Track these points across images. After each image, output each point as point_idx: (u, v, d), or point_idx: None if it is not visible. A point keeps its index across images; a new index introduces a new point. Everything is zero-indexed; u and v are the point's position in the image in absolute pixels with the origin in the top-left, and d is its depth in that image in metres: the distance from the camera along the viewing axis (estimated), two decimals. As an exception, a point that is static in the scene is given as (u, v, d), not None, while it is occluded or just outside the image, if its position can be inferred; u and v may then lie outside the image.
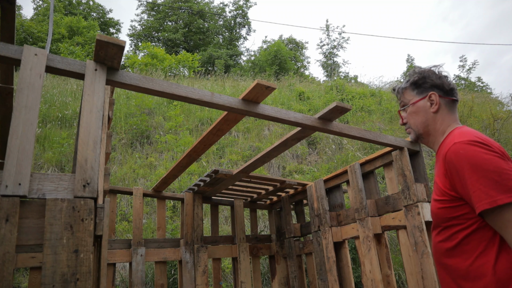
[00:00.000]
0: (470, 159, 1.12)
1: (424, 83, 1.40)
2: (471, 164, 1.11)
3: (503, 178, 1.06)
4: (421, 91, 1.41)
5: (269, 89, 2.18)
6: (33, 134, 1.45)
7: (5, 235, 1.30)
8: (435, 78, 1.39)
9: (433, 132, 1.39)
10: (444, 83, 1.39)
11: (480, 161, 1.10)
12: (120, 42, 1.67)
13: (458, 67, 30.22)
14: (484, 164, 1.09)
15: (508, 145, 8.78)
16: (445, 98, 1.38)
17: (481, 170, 1.09)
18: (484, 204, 1.06)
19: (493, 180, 1.06)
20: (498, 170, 1.07)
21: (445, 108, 1.38)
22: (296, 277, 4.16)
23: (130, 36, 26.74)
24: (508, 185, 1.05)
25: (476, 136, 1.17)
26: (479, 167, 1.09)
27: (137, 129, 9.45)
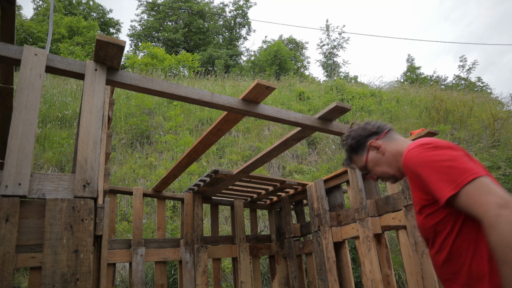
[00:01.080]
0: (420, 160, 1.19)
1: (358, 142, 1.52)
2: (423, 164, 1.18)
3: (456, 163, 1.12)
4: (362, 149, 1.52)
5: (269, 89, 2.19)
6: (33, 134, 1.45)
7: (5, 235, 1.30)
8: (362, 132, 1.52)
9: (399, 164, 1.47)
10: (370, 129, 1.51)
11: (429, 158, 1.17)
12: (120, 42, 1.67)
13: (458, 67, 30.25)
14: (434, 159, 1.16)
15: (508, 145, 8.78)
16: (381, 137, 1.49)
17: (434, 165, 1.15)
18: (451, 190, 1.09)
19: (449, 167, 1.12)
20: (450, 158, 1.13)
21: (388, 142, 1.47)
22: (296, 277, 4.16)
23: (130, 36, 26.74)
24: (464, 167, 1.10)
25: (421, 141, 1.26)
26: (431, 163, 1.16)
27: (137, 129, 9.45)
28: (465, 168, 1.10)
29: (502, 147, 8.65)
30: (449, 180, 1.10)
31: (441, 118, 10.75)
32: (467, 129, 10.16)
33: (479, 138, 9.55)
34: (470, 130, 10.04)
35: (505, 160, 7.79)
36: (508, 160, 7.80)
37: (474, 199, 1.06)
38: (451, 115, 10.84)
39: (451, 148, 1.18)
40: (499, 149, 8.58)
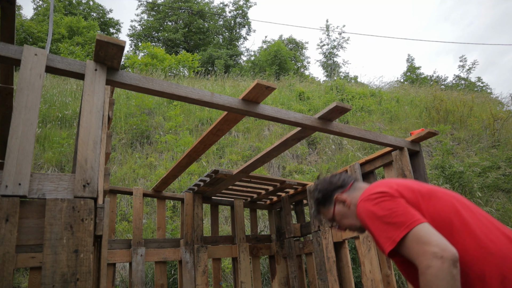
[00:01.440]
0: (365, 215, 1.31)
1: (324, 196, 1.59)
2: (368, 219, 1.30)
3: (393, 217, 1.23)
4: (329, 202, 1.58)
5: (269, 89, 2.19)
6: (33, 134, 1.45)
7: (5, 235, 1.30)
8: (328, 186, 1.58)
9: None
10: (335, 183, 1.57)
11: (372, 214, 1.29)
12: (120, 42, 1.67)
13: (458, 67, 30.24)
14: (375, 214, 1.28)
15: (508, 145, 8.78)
16: (346, 190, 1.55)
17: (375, 222, 1.27)
18: (388, 246, 1.21)
19: (386, 223, 1.23)
20: (386, 213, 1.25)
21: (353, 195, 1.52)
22: (296, 277, 4.16)
23: (130, 36, 26.73)
24: (397, 221, 1.21)
25: (366, 192, 1.37)
26: (373, 220, 1.28)
27: (137, 129, 9.45)
28: (400, 222, 1.21)
29: (502, 147, 8.65)
30: (387, 237, 1.22)
31: (441, 118, 10.75)
32: (467, 129, 10.16)
33: (479, 138, 9.55)
34: (470, 130, 10.04)
35: (505, 160, 7.79)
36: (508, 160, 7.79)
37: (410, 251, 1.17)
38: (451, 115, 10.84)
39: (390, 198, 1.28)
40: (499, 149, 8.58)
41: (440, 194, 1.34)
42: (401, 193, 1.30)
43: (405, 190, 1.32)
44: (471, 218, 1.27)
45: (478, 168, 7.60)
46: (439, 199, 1.32)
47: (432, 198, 1.31)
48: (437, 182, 7.10)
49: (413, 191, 1.32)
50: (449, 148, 8.18)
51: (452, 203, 1.31)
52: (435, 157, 8.32)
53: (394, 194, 1.29)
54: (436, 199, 1.31)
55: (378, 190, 1.33)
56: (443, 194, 1.35)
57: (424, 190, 1.35)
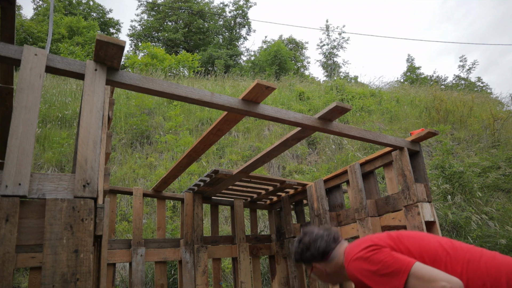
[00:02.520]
0: (360, 274, 1.39)
1: (304, 259, 1.70)
2: (364, 277, 1.38)
3: (386, 267, 1.32)
4: (308, 264, 1.71)
5: (269, 89, 2.18)
6: (33, 134, 1.45)
7: (5, 235, 1.30)
8: (306, 253, 1.67)
9: (340, 276, 1.65)
10: (314, 253, 1.64)
11: (364, 271, 1.37)
12: (120, 42, 1.67)
13: (458, 67, 30.25)
14: (367, 271, 1.36)
15: (508, 145, 8.78)
16: (324, 261, 1.63)
17: (371, 276, 1.35)
18: None
19: (383, 276, 1.32)
20: (379, 266, 1.33)
21: (331, 262, 1.62)
22: (296, 277, 4.16)
23: (130, 36, 26.72)
24: (393, 270, 1.30)
25: (351, 252, 1.46)
26: (368, 275, 1.36)
27: (137, 129, 9.45)
28: (396, 270, 1.30)
29: (502, 147, 8.65)
30: (390, 287, 1.30)
31: (441, 118, 10.75)
32: (467, 129, 10.16)
33: (479, 138, 9.56)
34: (470, 130, 10.04)
35: (505, 160, 7.79)
36: (508, 160, 7.80)
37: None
38: (451, 115, 10.85)
39: (377, 249, 1.38)
40: (499, 149, 8.58)
41: (420, 235, 1.48)
42: (384, 241, 1.41)
43: (386, 239, 1.43)
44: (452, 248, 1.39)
45: (478, 168, 7.60)
46: (420, 238, 1.44)
47: (413, 237, 1.44)
48: (437, 182, 7.10)
49: (392, 238, 1.44)
50: (449, 148, 8.18)
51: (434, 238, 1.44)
52: (435, 157, 8.32)
53: (379, 243, 1.39)
54: (418, 238, 1.44)
55: (364, 245, 1.42)
56: (423, 235, 1.48)
57: (404, 233, 1.47)
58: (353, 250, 1.46)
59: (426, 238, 1.45)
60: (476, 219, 6.07)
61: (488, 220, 6.21)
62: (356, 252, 1.43)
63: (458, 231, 6.04)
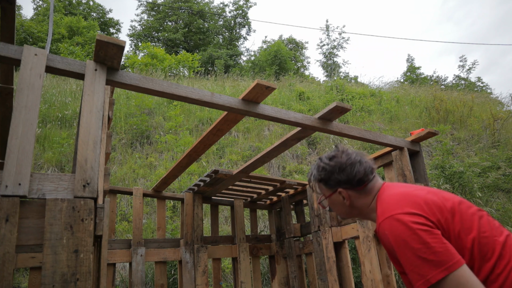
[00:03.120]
0: (392, 238, 1.13)
1: (329, 180, 1.40)
2: (395, 244, 1.13)
3: (429, 253, 1.07)
4: (330, 187, 1.41)
5: (269, 89, 2.18)
6: (33, 134, 1.45)
7: (5, 235, 1.30)
8: (338, 174, 1.37)
9: (361, 214, 1.42)
10: (349, 176, 1.35)
11: (402, 241, 1.11)
12: (120, 42, 1.67)
13: (458, 67, 30.25)
14: (406, 243, 1.10)
15: (508, 145, 8.78)
16: (355, 189, 1.37)
17: (406, 250, 1.10)
18: (421, 285, 1.07)
19: (420, 258, 1.07)
20: (422, 247, 1.08)
21: (360, 195, 1.37)
22: (296, 277, 4.16)
23: (130, 36, 26.73)
24: (435, 260, 1.06)
25: (398, 204, 1.18)
26: (403, 247, 1.11)
27: (137, 129, 9.45)
28: (439, 262, 1.06)
29: (502, 147, 8.65)
30: (420, 274, 1.07)
31: (441, 118, 10.75)
32: (467, 129, 10.16)
33: (479, 138, 9.56)
34: (470, 130, 10.04)
35: (505, 160, 7.79)
36: (508, 160, 7.80)
37: None
38: (451, 115, 10.85)
39: (427, 229, 1.11)
40: (499, 149, 8.58)
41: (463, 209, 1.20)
42: (436, 218, 1.14)
43: (437, 212, 1.16)
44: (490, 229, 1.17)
45: (478, 168, 7.60)
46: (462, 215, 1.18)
47: (456, 215, 1.18)
48: (437, 182, 7.10)
49: (441, 210, 1.17)
50: (449, 148, 8.18)
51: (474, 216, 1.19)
52: (435, 157, 8.32)
53: (430, 224, 1.12)
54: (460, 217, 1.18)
55: (410, 209, 1.15)
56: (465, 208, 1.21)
57: (449, 206, 1.20)
58: (394, 206, 1.19)
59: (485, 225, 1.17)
60: (476, 219, 6.05)
61: (488, 220, 6.19)
62: (399, 212, 1.15)
63: (458, 231, 6.02)
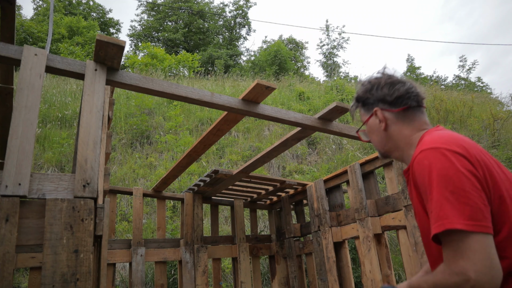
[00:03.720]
0: (436, 171, 0.95)
1: (367, 99, 1.24)
2: (435, 178, 0.94)
3: (461, 198, 0.90)
4: (367, 108, 1.25)
5: (269, 89, 2.18)
6: (33, 134, 1.45)
7: (5, 235, 1.30)
8: (375, 91, 1.21)
9: (395, 149, 1.22)
10: (386, 94, 1.19)
11: (445, 176, 0.93)
12: (120, 42, 1.67)
13: (458, 67, 30.25)
14: (447, 180, 0.92)
15: (508, 145, 8.78)
16: (393, 111, 1.19)
17: (443, 187, 0.92)
18: (434, 228, 0.91)
19: (450, 202, 0.90)
20: (460, 191, 0.90)
21: (397, 121, 1.19)
22: (296, 277, 4.16)
23: (130, 36, 26.73)
24: (463, 208, 0.89)
25: (448, 141, 1.00)
26: (442, 183, 0.93)
27: (137, 129, 9.45)
28: (469, 214, 0.88)
29: (502, 147, 8.65)
30: (439, 215, 0.91)
31: (441, 118, 10.75)
32: (467, 129, 10.16)
33: (479, 138, 9.55)
34: (470, 130, 10.04)
35: (505, 160, 7.79)
36: (508, 160, 7.80)
37: (449, 247, 0.91)
38: (451, 115, 10.85)
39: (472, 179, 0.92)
40: (499, 149, 8.58)
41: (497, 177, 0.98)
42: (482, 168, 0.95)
43: (481, 165, 0.96)
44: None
45: (478, 168, 7.58)
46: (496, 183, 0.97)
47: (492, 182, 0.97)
48: (437, 182, 7.08)
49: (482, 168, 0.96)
50: (449, 148, 8.15)
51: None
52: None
53: (477, 176, 0.93)
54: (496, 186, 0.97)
55: (460, 152, 0.96)
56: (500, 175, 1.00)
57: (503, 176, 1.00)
58: (442, 141, 1.00)
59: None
60: (476, 219, 6.05)
61: (488, 220, 6.19)
62: (448, 148, 0.96)
63: (458, 231, 6.02)
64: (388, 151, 1.25)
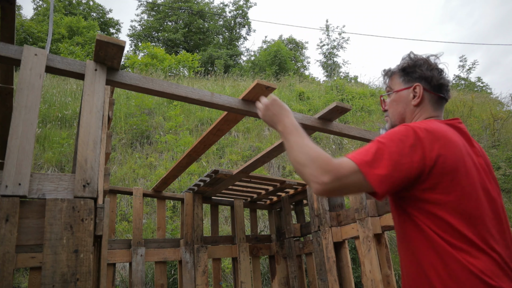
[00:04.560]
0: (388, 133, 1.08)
1: (413, 72, 1.28)
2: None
3: (377, 153, 1.01)
4: (408, 80, 1.30)
5: (269, 89, 2.18)
6: (33, 134, 1.45)
7: (5, 235, 1.30)
8: (425, 69, 1.27)
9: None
10: (434, 76, 1.25)
11: (388, 134, 1.05)
12: (120, 42, 1.67)
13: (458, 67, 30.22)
14: (386, 137, 1.05)
15: (508, 145, 8.78)
16: (431, 93, 1.26)
17: (378, 138, 1.06)
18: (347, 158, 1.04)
19: (369, 148, 1.03)
20: (383, 148, 1.01)
21: (428, 103, 1.26)
22: (296, 277, 4.16)
23: (130, 36, 26.72)
24: (374, 157, 1.00)
25: (421, 124, 1.09)
26: (380, 136, 1.07)
27: (137, 129, 9.45)
28: (370, 156, 1.00)
29: (502, 147, 8.65)
30: (356, 153, 1.04)
31: (441, 118, 10.74)
32: (467, 129, 10.16)
33: (479, 138, 9.56)
34: (470, 130, 10.04)
35: (505, 160, 7.80)
36: (508, 160, 7.80)
37: (337, 163, 1.03)
38: (451, 115, 10.84)
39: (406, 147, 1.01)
40: (499, 149, 8.58)
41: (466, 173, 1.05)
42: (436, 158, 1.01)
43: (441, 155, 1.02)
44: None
45: (478, 168, 7.58)
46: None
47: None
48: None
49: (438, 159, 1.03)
50: (449, 148, 8.15)
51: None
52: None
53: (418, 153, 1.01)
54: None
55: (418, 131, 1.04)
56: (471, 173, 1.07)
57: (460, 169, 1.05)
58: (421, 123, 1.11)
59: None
60: (476, 219, 6.05)
61: (488, 220, 6.19)
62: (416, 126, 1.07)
63: (458, 231, 6.03)
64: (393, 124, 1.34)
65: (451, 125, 1.19)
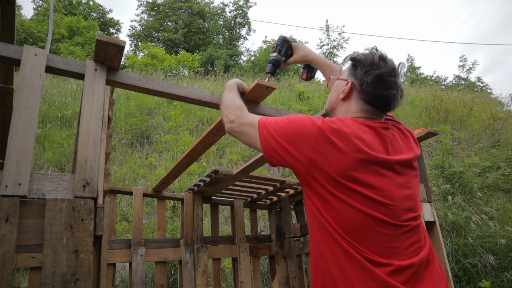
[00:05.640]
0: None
1: (355, 68, 1.26)
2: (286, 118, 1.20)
3: (279, 121, 1.17)
4: (349, 73, 1.29)
5: (269, 89, 2.18)
6: (33, 134, 1.45)
7: (5, 235, 1.30)
8: (363, 71, 1.22)
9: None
10: (366, 82, 1.21)
11: (292, 117, 1.17)
12: (120, 42, 1.67)
13: (458, 67, 30.23)
14: (289, 118, 1.17)
15: (508, 145, 8.78)
16: (358, 95, 1.23)
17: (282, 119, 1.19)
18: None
19: (273, 119, 1.20)
20: (286, 122, 1.15)
21: (353, 103, 1.25)
22: (296, 277, 4.16)
23: (130, 36, 26.72)
24: (273, 126, 1.16)
25: (332, 118, 1.15)
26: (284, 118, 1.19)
27: (137, 129, 9.45)
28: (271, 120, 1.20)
29: (502, 147, 8.65)
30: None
31: (441, 118, 10.75)
32: (467, 129, 10.16)
33: (479, 138, 9.56)
34: (470, 130, 10.04)
35: (505, 160, 7.80)
36: (508, 160, 7.80)
37: (247, 116, 1.32)
38: (451, 115, 10.85)
39: (303, 127, 1.11)
40: (499, 149, 8.58)
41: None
42: (325, 137, 1.08)
43: (328, 145, 1.08)
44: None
45: (478, 168, 7.60)
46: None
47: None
48: (437, 182, 7.10)
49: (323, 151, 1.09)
50: (449, 148, 8.18)
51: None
52: (435, 157, 8.32)
53: (313, 136, 1.08)
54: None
55: (318, 123, 1.11)
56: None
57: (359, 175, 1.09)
58: (339, 118, 1.16)
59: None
60: (476, 219, 6.07)
61: (488, 220, 6.21)
62: (324, 118, 1.14)
63: (458, 231, 6.04)
64: (329, 113, 1.41)
65: (372, 128, 1.18)
